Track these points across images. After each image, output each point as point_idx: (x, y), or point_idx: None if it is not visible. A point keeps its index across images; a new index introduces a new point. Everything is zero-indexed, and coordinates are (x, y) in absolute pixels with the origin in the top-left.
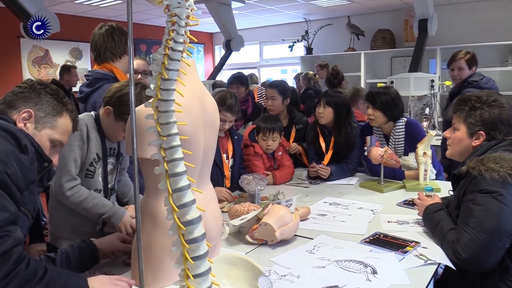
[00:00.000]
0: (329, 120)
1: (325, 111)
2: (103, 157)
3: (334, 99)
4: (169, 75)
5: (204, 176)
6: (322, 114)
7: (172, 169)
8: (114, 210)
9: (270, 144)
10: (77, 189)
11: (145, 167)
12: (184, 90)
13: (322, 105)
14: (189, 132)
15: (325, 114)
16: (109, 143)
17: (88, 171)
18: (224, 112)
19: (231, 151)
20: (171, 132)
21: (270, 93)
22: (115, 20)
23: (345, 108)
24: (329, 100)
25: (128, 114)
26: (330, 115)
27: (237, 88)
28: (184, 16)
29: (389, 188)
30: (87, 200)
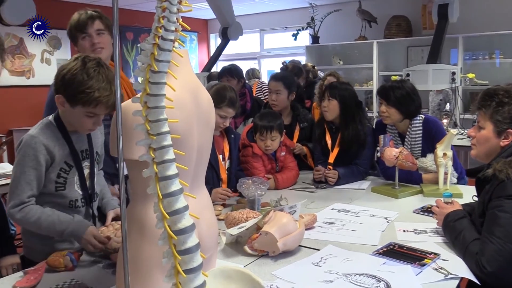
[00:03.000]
0: (335, 114)
1: (330, 104)
2: (76, 164)
3: (340, 91)
4: (159, 67)
5: (198, 180)
6: (327, 108)
7: (162, 172)
8: (74, 226)
9: (269, 145)
10: (27, 210)
11: (132, 169)
12: (176, 83)
13: (327, 98)
14: (182, 130)
15: (330, 108)
16: (79, 145)
17: (58, 184)
18: (225, 107)
19: (227, 152)
20: (162, 130)
21: (274, 86)
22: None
23: (353, 101)
24: (333, 92)
25: (80, 93)
26: (335, 108)
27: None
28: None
29: (405, 193)
30: (40, 220)
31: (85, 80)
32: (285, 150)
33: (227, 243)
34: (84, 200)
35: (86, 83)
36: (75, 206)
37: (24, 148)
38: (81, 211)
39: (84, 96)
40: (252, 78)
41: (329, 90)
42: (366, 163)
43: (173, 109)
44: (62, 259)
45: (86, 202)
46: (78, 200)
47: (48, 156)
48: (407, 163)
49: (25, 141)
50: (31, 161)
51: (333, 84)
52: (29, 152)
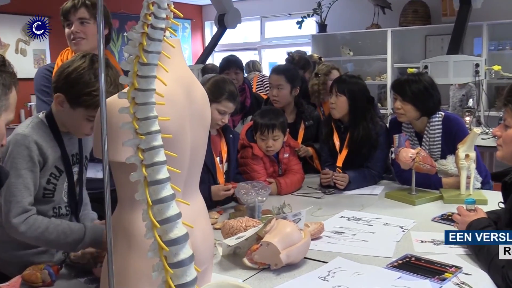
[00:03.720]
0: (343, 112)
1: (337, 100)
2: (66, 169)
3: (348, 86)
4: (148, 59)
5: (192, 184)
6: (335, 105)
7: (152, 176)
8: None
9: (270, 145)
10: (32, 220)
11: (118, 173)
12: (167, 77)
13: (334, 93)
14: (174, 129)
15: (338, 104)
16: (70, 149)
17: (47, 191)
18: (225, 101)
19: (225, 153)
20: (151, 129)
21: (275, 80)
22: None
23: (363, 97)
24: (342, 87)
25: (85, 95)
26: (344, 105)
27: (236, 74)
28: None
29: (423, 200)
30: (48, 230)
31: (92, 81)
32: (288, 151)
33: (224, 254)
34: (69, 208)
35: (93, 84)
36: (59, 214)
37: (17, 148)
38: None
39: (89, 99)
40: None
41: (336, 84)
42: (379, 166)
43: (164, 105)
44: (39, 273)
45: (71, 210)
46: (62, 208)
47: (41, 157)
48: (425, 165)
49: (17, 141)
50: (27, 162)
51: (341, 77)
52: (23, 153)
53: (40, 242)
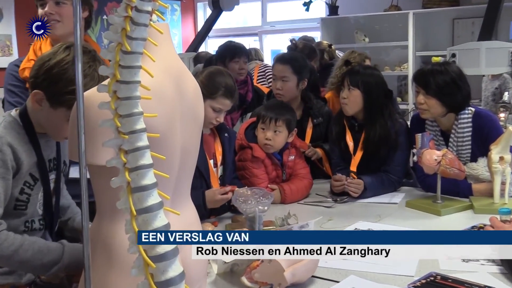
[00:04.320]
0: (357, 108)
1: (350, 95)
2: (42, 177)
3: (363, 77)
4: (132, 47)
5: (183, 191)
6: (347, 100)
7: (136, 181)
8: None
9: (269, 137)
10: (4, 236)
11: (97, 178)
12: (154, 67)
13: (347, 86)
14: (162, 127)
15: (350, 99)
16: (47, 153)
17: (19, 202)
18: (221, 97)
19: (220, 155)
20: (136, 127)
21: (280, 71)
22: None
23: (380, 90)
24: (355, 79)
25: (68, 94)
26: (357, 100)
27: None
28: None
29: (450, 209)
30: (23, 247)
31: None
32: (294, 153)
33: (219, 272)
34: (43, 222)
35: None
36: (31, 229)
37: None
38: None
39: (73, 98)
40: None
41: (349, 76)
42: (398, 170)
43: (151, 100)
44: None
45: (46, 224)
46: (35, 221)
47: (15, 163)
48: (452, 169)
49: None
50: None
51: (354, 68)
52: None
53: (11, 262)
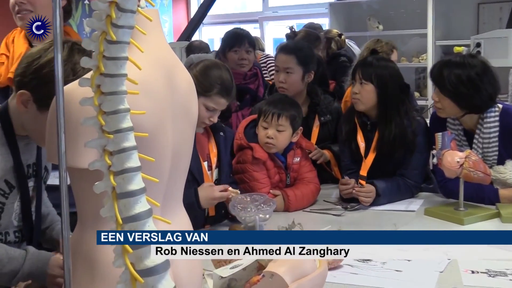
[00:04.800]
0: (370, 103)
1: (362, 90)
2: (20, 184)
3: (377, 70)
4: (118, 36)
5: (174, 197)
6: (359, 96)
7: (122, 186)
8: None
9: (271, 136)
10: None
11: (79, 182)
12: (142, 59)
13: (358, 80)
14: (151, 126)
15: (363, 94)
16: (26, 157)
17: None
18: (216, 96)
19: (215, 157)
20: (122, 126)
21: (283, 61)
22: None
23: (396, 84)
24: (368, 72)
25: None
26: (370, 96)
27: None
28: None
29: (474, 218)
30: None
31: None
32: (300, 154)
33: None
34: (20, 234)
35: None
36: (5, 241)
37: None
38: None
39: None
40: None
41: (361, 68)
42: (416, 174)
43: (139, 95)
44: None
45: (23, 237)
46: (10, 233)
47: None
48: (476, 173)
49: None
50: None
51: (367, 60)
52: None
53: None
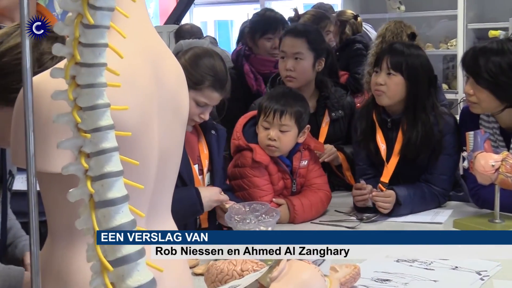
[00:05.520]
0: (396, 98)
1: (389, 81)
2: None
3: (409, 59)
4: (96, 19)
5: (161, 206)
6: (385, 88)
7: (101, 193)
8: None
9: (274, 137)
10: None
11: (50, 189)
12: (124, 46)
13: (385, 69)
14: (134, 123)
15: (389, 86)
16: None
17: None
18: (208, 90)
19: (206, 159)
20: (101, 124)
21: (291, 46)
22: None
23: (426, 77)
24: (398, 61)
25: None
26: (399, 89)
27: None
28: None
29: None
30: None
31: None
32: (308, 157)
33: None
34: None
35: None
36: None
37: None
38: None
39: None
40: None
41: (390, 56)
42: (444, 179)
43: (120, 88)
44: None
45: None
46: None
47: None
48: None
49: None
50: None
51: (394, 46)
52: None
53: None
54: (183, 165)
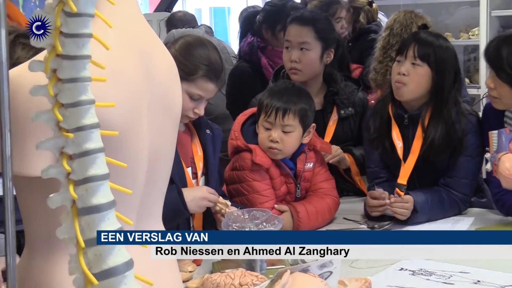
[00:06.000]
0: (419, 92)
1: (414, 72)
2: None
3: (437, 51)
4: (79, 6)
5: (151, 212)
6: (408, 79)
7: (85, 199)
8: None
9: (276, 138)
10: None
11: (28, 194)
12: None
13: (411, 58)
14: (122, 122)
15: (413, 78)
16: None
17: None
18: (201, 80)
19: (200, 161)
20: (84, 122)
21: (297, 35)
22: None
23: (453, 71)
24: (426, 51)
25: None
26: (423, 81)
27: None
28: None
29: None
30: None
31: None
32: (313, 158)
33: None
34: None
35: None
36: None
37: None
38: None
39: None
40: None
41: (417, 44)
42: (465, 184)
43: (106, 83)
44: None
45: None
46: None
47: None
48: None
49: None
50: None
51: (423, 36)
52: None
53: None
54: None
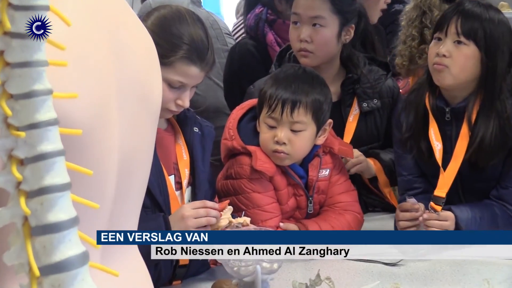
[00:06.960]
0: (464, 77)
1: (457, 52)
2: None
3: (486, 25)
4: None
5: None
6: (450, 61)
7: (41, 215)
8: None
9: (282, 139)
10: None
11: None
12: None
13: (453, 35)
14: (86, 118)
15: (457, 59)
16: None
17: None
18: (180, 63)
19: (186, 167)
20: (39, 117)
21: (308, 7)
22: None
23: (508, 52)
24: (473, 26)
25: None
26: (470, 64)
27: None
28: None
29: None
30: None
31: None
32: (330, 164)
33: None
34: None
35: None
36: None
37: None
38: None
39: None
40: None
41: (461, 18)
42: None
43: (67, 67)
44: None
45: None
46: None
47: None
48: None
49: None
50: None
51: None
52: None
53: None
54: (153, 175)
